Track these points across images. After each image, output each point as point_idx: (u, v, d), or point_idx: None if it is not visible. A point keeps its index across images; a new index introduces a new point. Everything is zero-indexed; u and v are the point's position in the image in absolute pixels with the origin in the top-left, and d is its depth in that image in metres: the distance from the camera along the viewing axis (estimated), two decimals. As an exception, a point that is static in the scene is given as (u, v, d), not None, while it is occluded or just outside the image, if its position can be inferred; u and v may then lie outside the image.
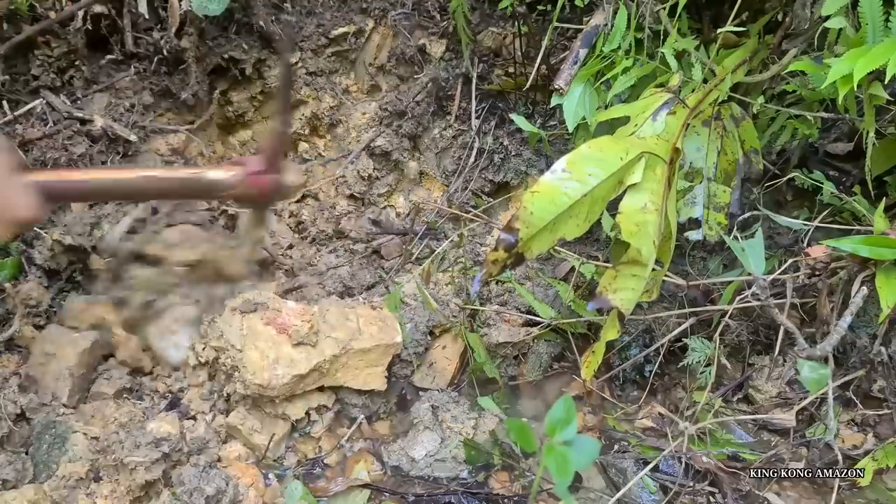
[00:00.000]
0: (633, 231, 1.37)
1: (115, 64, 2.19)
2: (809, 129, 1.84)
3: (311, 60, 2.43)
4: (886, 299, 1.51)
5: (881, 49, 1.38)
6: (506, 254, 1.28)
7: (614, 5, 1.91)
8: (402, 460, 1.80)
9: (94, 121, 2.08)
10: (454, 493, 1.69)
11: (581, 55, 1.93)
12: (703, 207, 1.78)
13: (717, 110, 1.79)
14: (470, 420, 1.89)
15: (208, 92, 2.34)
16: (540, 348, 2.10)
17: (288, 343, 1.76)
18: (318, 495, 1.69)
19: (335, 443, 1.85)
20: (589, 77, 1.90)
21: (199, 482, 1.57)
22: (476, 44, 2.36)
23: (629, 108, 1.71)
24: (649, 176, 1.40)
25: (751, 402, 1.92)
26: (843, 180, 1.94)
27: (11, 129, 2.00)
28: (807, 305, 1.82)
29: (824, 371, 1.42)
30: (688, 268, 1.98)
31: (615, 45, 1.84)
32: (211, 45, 2.23)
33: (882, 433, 1.76)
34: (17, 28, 2.01)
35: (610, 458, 1.77)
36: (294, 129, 2.51)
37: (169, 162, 2.25)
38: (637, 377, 2.06)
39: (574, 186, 1.31)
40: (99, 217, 2.07)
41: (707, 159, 1.79)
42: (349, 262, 2.35)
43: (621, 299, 1.41)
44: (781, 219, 1.79)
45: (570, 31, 2.16)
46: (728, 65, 1.79)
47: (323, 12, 2.42)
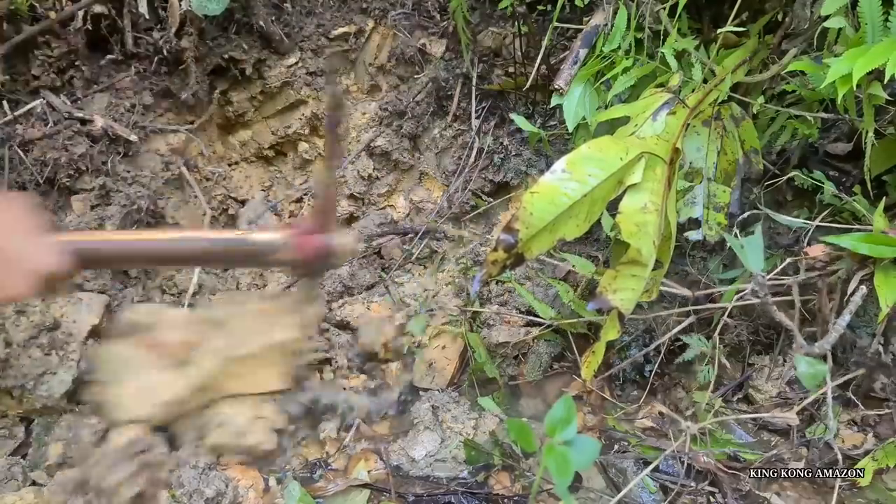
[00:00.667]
0: (633, 231, 1.37)
1: (116, 64, 2.19)
2: (809, 129, 1.84)
3: (311, 60, 2.43)
4: (885, 298, 1.51)
5: (880, 49, 1.38)
6: (505, 254, 1.27)
7: (614, 5, 1.91)
8: (402, 460, 1.80)
9: (95, 121, 2.08)
10: (454, 493, 1.69)
11: (581, 55, 1.93)
12: (702, 207, 1.78)
13: (717, 110, 1.79)
14: (470, 420, 1.89)
15: (208, 92, 2.34)
16: (540, 348, 2.10)
17: (158, 365, 1.58)
18: (317, 495, 1.69)
19: (338, 445, 1.85)
20: (589, 77, 1.89)
21: (199, 484, 1.57)
22: (476, 44, 2.35)
23: (629, 108, 1.71)
24: (649, 176, 1.40)
25: (751, 402, 1.92)
26: (843, 180, 1.94)
27: (12, 129, 2.00)
28: (806, 304, 1.82)
29: (821, 367, 1.42)
30: (688, 268, 1.98)
31: (615, 45, 1.84)
32: (211, 46, 2.23)
33: (882, 433, 1.76)
34: (18, 28, 2.01)
35: (610, 458, 1.77)
36: (294, 129, 2.51)
37: (169, 162, 2.25)
38: (637, 377, 2.06)
39: (574, 187, 1.30)
40: (102, 219, 2.07)
41: (707, 159, 1.79)
42: (349, 262, 2.35)
43: (621, 299, 1.41)
44: (782, 218, 1.79)
45: (570, 31, 2.16)
46: (728, 65, 1.78)
47: (323, 12, 2.42)
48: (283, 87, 2.43)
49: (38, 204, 2.02)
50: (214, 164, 2.46)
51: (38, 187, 2.04)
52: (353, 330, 2.13)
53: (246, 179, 2.60)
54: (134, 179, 2.15)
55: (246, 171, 2.60)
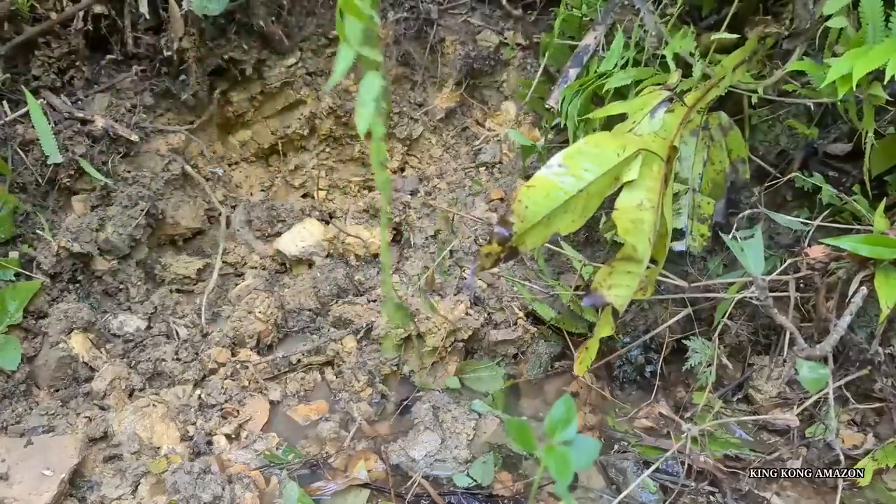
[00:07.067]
0: (629, 228, 1.37)
1: (116, 64, 2.19)
2: (809, 130, 1.84)
3: (310, 60, 2.43)
4: (886, 299, 1.51)
5: (881, 49, 1.38)
6: (499, 247, 1.27)
7: (605, 28, 1.92)
8: (403, 460, 1.80)
9: (95, 121, 2.08)
10: (454, 494, 1.69)
11: (572, 75, 1.95)
12: (687, 218, 1.78)
13: (704, 120, 1.79)
14: (471, 420, 1.89)
15: (208, 92, 2.34)
16: (540, 348, 2.10)
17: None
18: (317, 496, 1.69)
19: (338, 445, 1.85)
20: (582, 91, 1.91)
21: (195, 489, 1.57)
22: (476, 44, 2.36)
23: (627, 106, 1.71)
24: (646, 173, 1.40)
25: (751, 402, 1.92)
26: (843, 180, 1.94)
27: (12, 129, 2.00)
28: (806, 305, 1.82)
29: (824, 371, 1.42)
30: (688, 268, 1.98)
31: (611, 65, 1.85)
32: (211, 46, 2.23)
33: (882, 433, 1.76)
34: (18, 28, 2.01)
35: (610, 458, 1.77)
36: (294, 129, 2.52)
37: (169, 162, 2.25)
38: (637, 377, 2.06)
39: (570, 181, 1.30)
40: (103, 219, 2.07)
41: (693, 170, 1.79)
42: (345, 263, 2.35)
43: (615, 295, 1.41)
44: (781, 218, 1.79)
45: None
46: (728, 64, 1.79)
47: (323, 12, 2.42)
48: (282, 88, 2.43)
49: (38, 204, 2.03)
50: (214, 164, 2.46)
51: (38, 187, 2.04)
52: (356, 330, 2.13)
53: (246, 179, 2.60)
54: (134, 179, 2.15)
55: (246, 171, 2.61)
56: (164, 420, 1.84)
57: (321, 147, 2.61)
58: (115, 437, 1.78)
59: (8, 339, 1.83)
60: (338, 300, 2.22)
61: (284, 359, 2.08)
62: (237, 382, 2.00)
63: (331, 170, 2.64)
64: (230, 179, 2.54)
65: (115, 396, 1.88)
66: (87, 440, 1.72)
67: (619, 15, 1.94)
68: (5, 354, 1.81)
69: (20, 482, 1.55)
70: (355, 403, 1.96)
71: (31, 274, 1.96)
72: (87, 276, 2.09)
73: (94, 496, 1.62)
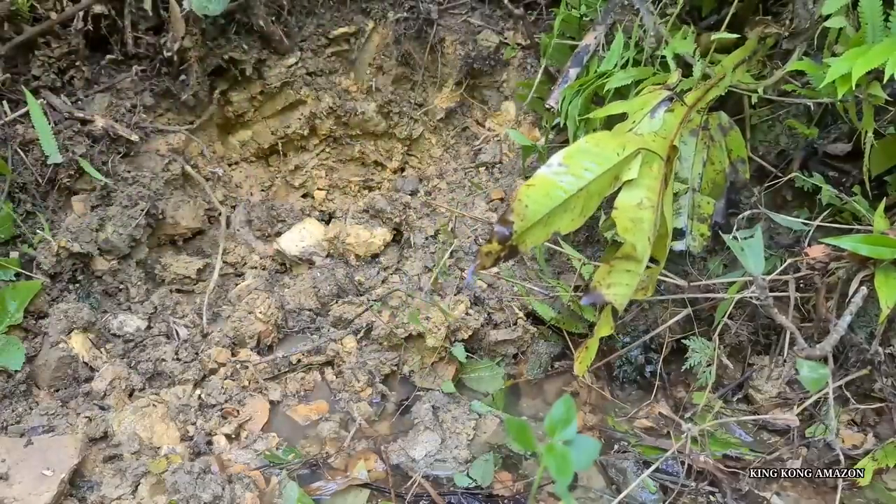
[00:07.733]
0: (629, 227, 1.36)
1: (116, 64, 2.20)
2: (809, 130, 1.84)
3: (310, 60, 2.43)
4: (886, 299, 1.51)
5: (880, 49, 1.38)
6: (499, 246, 1.27)
7: (605, 28, 1.92)
8: (403, 460, 1.80)
9: (95, 121, 2.08)
10: (454, 494, 1.69)
11: (572, 75, 1.95)
12: (687, 218, 1.78)
13: (704, 120, 1.79)
14: (471, 420, 1.89)
15: (208, 92, 2.34)
16: (540, 348, 2.10)
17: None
18: (317, 496, 1.69)
19: (338, 445, 1.85)
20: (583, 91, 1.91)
21: (195, 489, 1.57)
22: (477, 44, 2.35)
23: (627, 105, 1.71)
24: (646, 172, 1.40)
25: (751, 402, 1.92)
26: (843, 180, 1.94)
27: (12, 129, 2.00)
28: (806, 305, 1.82)
29: (824, 371, 1.42)
30: (688, 267, 1.98)
31: (611, 65, 1.85)
32: (211, 46, 2.23)
33: (882, 433, 1.76)
34: (18, 28, 2.01)
35: (610, 458, 1.76)
36: (294, 129, 2.52)
37: (169, 162, 2.25)
38: (637, 377, 2.06)
39: (570, 180, 1.30)
40: (103, 219, 2.07)
41: (693, 170, 1.78)
42: (345, 263, 2.35)
43: (615, 294, 1.40)
44: (781, 218, 1.79)
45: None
46: (728, 64, 1.79)
47: (323, 12, 2.42)
48: (282, 88, 2.43)
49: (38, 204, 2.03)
50: (214, 164, 2.46)
51: (38, 187, 2.04)
52: (356, 330, 2.13)
53: (246, 179, 2.60)
54: (134, 179, 2.15)
55: (246, 171, 2.61)
56: (164, 420, 1.84)
57: (321, 147, 2.61)
58: (115, 437, 1.78)
59: (10, 339, 1.83)
60: (338, 300, 2.22)
61: (284, 359, 2.08)
62: (237, 382, 2.00)
63: (331, 170, 2.64)
64: (230, 179, 2.54)
65: (115, 396, 1.88)
66: (87, 440, 1.72)
67: (618, 15, 1.95)
68: (9, 354, 1.81)
69: (20, 482, 1.55)
70: (355, 403, 1.96)
71: (32, 274, 1.96)
72: (87, 276, 2.09)
73: (94, 496, 1.62)
